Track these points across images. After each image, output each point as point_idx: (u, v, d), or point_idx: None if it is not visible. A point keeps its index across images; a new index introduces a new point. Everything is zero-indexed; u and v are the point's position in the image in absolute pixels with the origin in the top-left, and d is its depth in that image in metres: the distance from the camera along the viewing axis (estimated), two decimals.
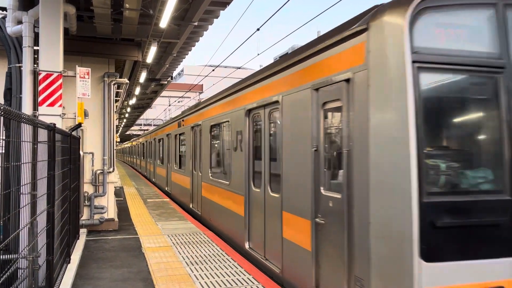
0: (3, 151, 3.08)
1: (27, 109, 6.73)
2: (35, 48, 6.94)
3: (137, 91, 17.57)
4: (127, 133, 57.39)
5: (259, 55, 15.60)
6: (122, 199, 14.48)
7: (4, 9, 7.36)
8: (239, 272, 5.99)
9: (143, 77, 14.33)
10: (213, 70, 19.12)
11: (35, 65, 6.94)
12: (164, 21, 8.22)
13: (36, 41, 6.93)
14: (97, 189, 9.06)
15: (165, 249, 7.33)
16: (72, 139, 6.55)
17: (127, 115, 30.87)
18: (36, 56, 7.01)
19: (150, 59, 11.36)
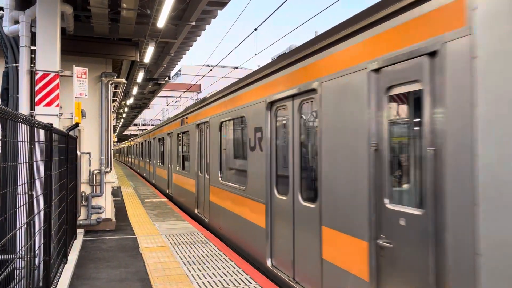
0: (0, 151, 3.07)
1: (24, 109, 6.71)
2: (32, 47, 6.93)
3: (135, 91, 17.56)
4: (125, 133, 57.36)
5: (256, 55, 15.62)
6: (119, 199, 14.46)
7: (1, 8, 7.34)
8: (236, 272, 5.99)
9: (140, 77, 14.33)
10: (211, 70, 19.14)
11: (32, 65, 6.92)
12: (161, 21, 8.23)
13: (33, 41, 6.92)
14: (94, 189, 9.05)
15: (163, 249, 7.33)
16: (69, 139, 6.53)
17: (124, 115, 30.85)
18: (33, 56, 7.00)
19: (147, 59, 11.36)
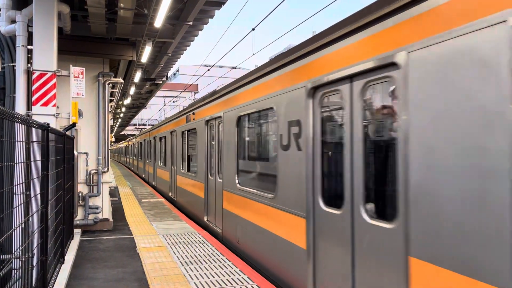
0: None
1: (21, 108, 6.70)
2: (29, 47, 6.92)
3: (132, 90, 17.53)
4: (122, 133, 57.28)
5: (254, 55, 15.63)
6: (116, 199, 14.44)
7: None
8: (233, 271, 6.00)
9: (138, 76, 14.31)
10: (208, 70, 19.15)
11: (29, 65, 6.92)
12: (159, 21, 8.22)
13: (30, 41, 6.91)
14: (91, 189, 9.04)
15: (160, 249, 7.32)
16: (66, 139, 6.52)
17: (122, 115, 30.78)
18: (30, 55, 6.99)
19: (145, 58, 11.35)
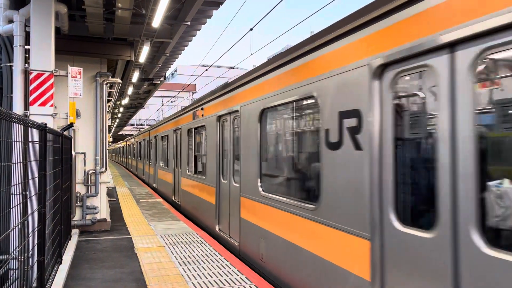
0: None
1: (18, 108, 6.68)
2: (26, 47, 6.90)
3: (130, 91, 17.52)
4: (120, 133, 57.20)
5: (252, 55, 15.63)
6: (114, 199, 14.41)
7: None
8: (231, 272, 6.00)
9: (135, 76, 14.29)
10: (206, 70, 19.12)
11: (26, 65, 6.90)
12: (156, 21, 8.22)
13: (27, 40, 6.89)
14: (89, 189, 9.02)
15: (158, 249, 7.32)
16: (63, 139, 6.50)
17: (119, 115, 30.75)
18: (27, 55, 6.97)
19: (142, 58, 11.33)
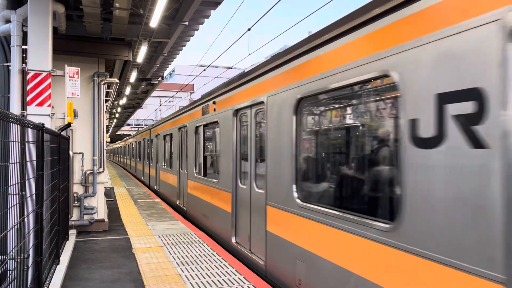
0: None
1: (16, 108, 6.67)
2: (24, 47, 6.89)
3: (128, 91, 17.49)
4: (118, 133, 57.13)
5: (250, 55, 15.63)
6: (112, 199, 14.39)
7: None
8: (230, 271, 5.99)
9: (133, 77, 14.28)
10: (204, 70, 19.12)
11: (24, 64, 6.88)
12: (154, 21, 8.21)
13: (24, 40, 6.88)
14: (87, 189, 9.00)
15: (156, 250, 7.31)
16: (61, 139, 6.49)
17: (117, 115, 30.71)
18: (24, 55, 6.96)
19: (140, 58, 11.32)
